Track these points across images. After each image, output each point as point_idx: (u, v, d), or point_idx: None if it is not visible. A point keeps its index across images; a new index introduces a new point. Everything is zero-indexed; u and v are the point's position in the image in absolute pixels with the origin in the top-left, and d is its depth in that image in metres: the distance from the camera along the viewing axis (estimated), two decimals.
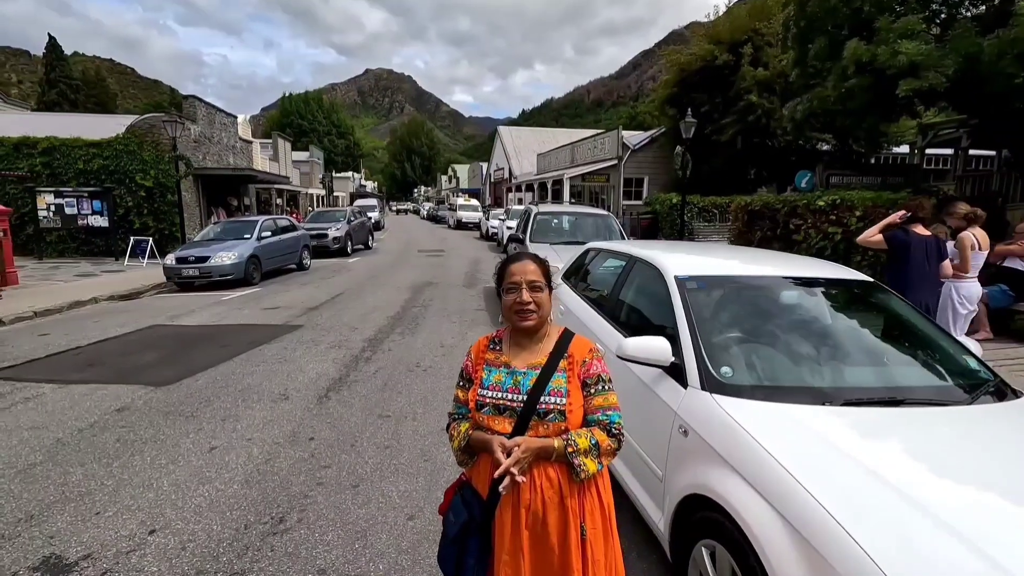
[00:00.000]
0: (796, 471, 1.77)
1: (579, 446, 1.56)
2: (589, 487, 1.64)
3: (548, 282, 1.73)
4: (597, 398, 1.65)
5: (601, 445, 1.59)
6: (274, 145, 32.90)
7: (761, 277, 3.17)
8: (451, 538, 1.68)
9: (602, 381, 1.67)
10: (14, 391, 5.28)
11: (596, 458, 1.59)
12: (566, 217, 10.57)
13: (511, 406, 1.64)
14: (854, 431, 2.08)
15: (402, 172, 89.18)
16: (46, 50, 53.58)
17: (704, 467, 2.12)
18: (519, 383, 1.66)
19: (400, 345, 6.95)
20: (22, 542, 2.90)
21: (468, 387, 1.76)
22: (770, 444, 1.91)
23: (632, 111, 63.09)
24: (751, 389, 2.32)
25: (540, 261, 1.74)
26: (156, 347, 6.95)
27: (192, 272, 11.68)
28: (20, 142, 16.44)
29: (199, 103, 20.46)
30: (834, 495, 1.67)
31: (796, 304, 3.12)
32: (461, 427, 1.73)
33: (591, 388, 1.66)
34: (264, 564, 2.71)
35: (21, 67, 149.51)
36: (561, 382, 1.64)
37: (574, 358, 1.68)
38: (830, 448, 1.92)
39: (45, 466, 3.75)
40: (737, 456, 1.98)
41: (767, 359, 2.60)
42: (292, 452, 3.96)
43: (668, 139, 21.43)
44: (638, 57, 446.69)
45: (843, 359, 2.69)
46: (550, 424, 1.60)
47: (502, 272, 1.75)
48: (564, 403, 1.61)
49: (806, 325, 2.96)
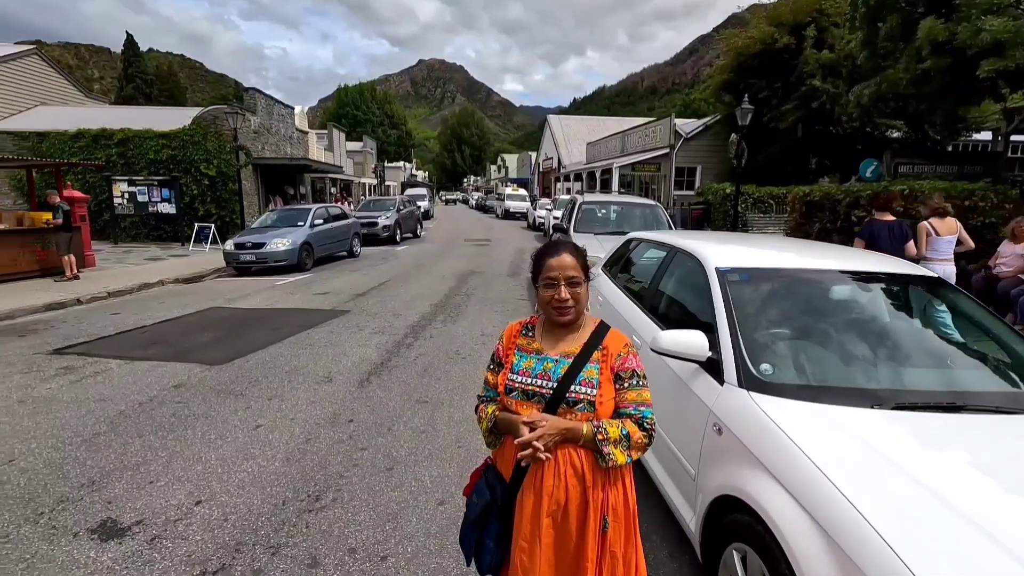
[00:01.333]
0: (836, 477, 1.66)
1: (609, 434, 1.54)
2: (615, 482, 1.62)
3: (586, 275, 1.69)
4: (631, 392, 1.61)
5: (632, 437, 1.56)
6: (329, 135, 33.85)
7: (812, 271, 2.99)
8: (472, 519, 1.71)
9: (636, 376, 1.63)
10: (85, 365, 5.67)
11: (626, 450, 1.55)
12: (612, 207, 10.37)
13: (540, 392, 1.62)
14: (906, 437, 1.93)
15: (452, 162, 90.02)
16: (124, 47, 57.02)
17: (738, 467, 2.02)
18: (549, 370, 1.64)
19: (442, 332, 7.03)
20: (84, 505, 3.12)
21: (498, 371, 1.74)
22: (808, 446, 1.80)
23: (686, 98, 61.11)
24: (792, 388, 2.18)
25: (578, 252, 1.70)
26: (213, 328, 7.31)
27: (249, 257, 12.21)
28: (99, 134, 17.59)
29: (259, 95, 21.27)
30: (878, 506, 1.54)
31: (849, 300, 2.93)
32: (489, 409, 1.73)
33: (625, 382, 1.62)
34: (299, 540, 2.80)
35: (102, 64, 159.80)
36: (593, 373, 1.61)
37: (609, 350, 1.65)
38: (876, 454, 1.78)
39: (108, 436, 4.01)
40: (772, 458, 1.87)
41: (812, 357, 2.45)
42: (331, 433, 4.07)
43: (723, 127, 20.63)
44: (695, 42, 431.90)
45: (898, 359, 2.50)
46: (578, 413, 1.58)
47: (539, 263, 1.70)
48: (595, 394, 1.58)
49: (859, 322, 2.78)
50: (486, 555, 1.68)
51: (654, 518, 2.95)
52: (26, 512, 3.05)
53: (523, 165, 62.58)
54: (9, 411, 4.46)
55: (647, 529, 2.89)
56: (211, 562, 2.63)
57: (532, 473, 1.61)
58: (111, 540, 2.80)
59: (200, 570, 2.57)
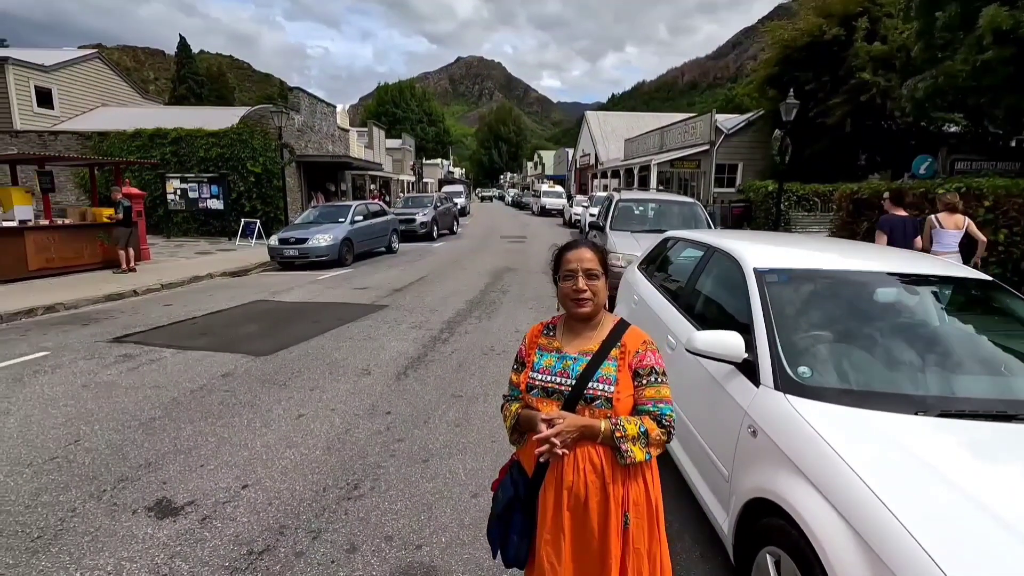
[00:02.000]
0: (874, 483, 1.63)
1: (627, 431, 1.55)
2: (636, 477, 1.62)
3: (605, 269, 1.71)
4: (649, 389, 1.62)
5: (650, 434, 1.57)
6: (369, 133, 34.53)
7: (856, 272, 2.91)
8: (497, 513, 1.75)
9: (655, 373, 1.64)
10: (142, 353, 6.00)
11: (645, 447, 1.57)
12: (649, 204, 10.24)
13: (559, 389, 1.65)
14: (951, 445, 1.88)
15: (489, 159, 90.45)
16: (177, 50, 59.53)
17: (772, 471, 2.00)
18: (569, 368, 1.67)
19: (477, 328, 7.12)
20: (141, 485, 3.32)
21: (521, 370, 1.78)
22: (846, 451, 1.77)
23: (729, 93, 59.58)
24: (830, 391, 2.14)
25: (597, 248, 1.73)
26: (258, 320, 7.60)
27: (292, 252, 12.61)
28: (154, 133, 18.46)
29: (303, 94, 21.87)
30: (918, 515, 1.51)
31: (895, 302, 2.84)
32: (512, 407, 1.76)
33: (643, 379, 1.63)
34: (338, 526, 2.92)
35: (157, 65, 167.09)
36: (611, 370, 1.63)
37: (627, 347, 1.66)
38: (918, 462, 1.73)
39: (162, 420, 4.25)
40: (808, 462, 1.85)
41: (852, 360, 2.39)
42: (370, 424, 4.20)
43: (766, 122, 20.05)
44: (739, 35, 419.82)
45: (946, 365, 2.42)
46: (596, 410, 1.60)
47: (558, 259, 1.75)
48: (612, 391, 1.60)
49: (904, 325, 2.70)
50: (510, 548, 1.73)
51: (687, 518, 2.94)
52: (91, 489, 3.27)
53: (560, 162, 62.30)
54: (75, 395, 4.77)
55: (679, 529, 2.88)
56: (256, 543, 2.77)
57: (553, 469, 1.64)
58: (166, 518, 2.98)
59: (247, 550, 2.71)
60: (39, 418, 4.29)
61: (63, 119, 21.57)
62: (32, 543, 2.76)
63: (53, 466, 3.54)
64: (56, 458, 3.65)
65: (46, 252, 10.49)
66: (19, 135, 18.99)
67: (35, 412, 4.40)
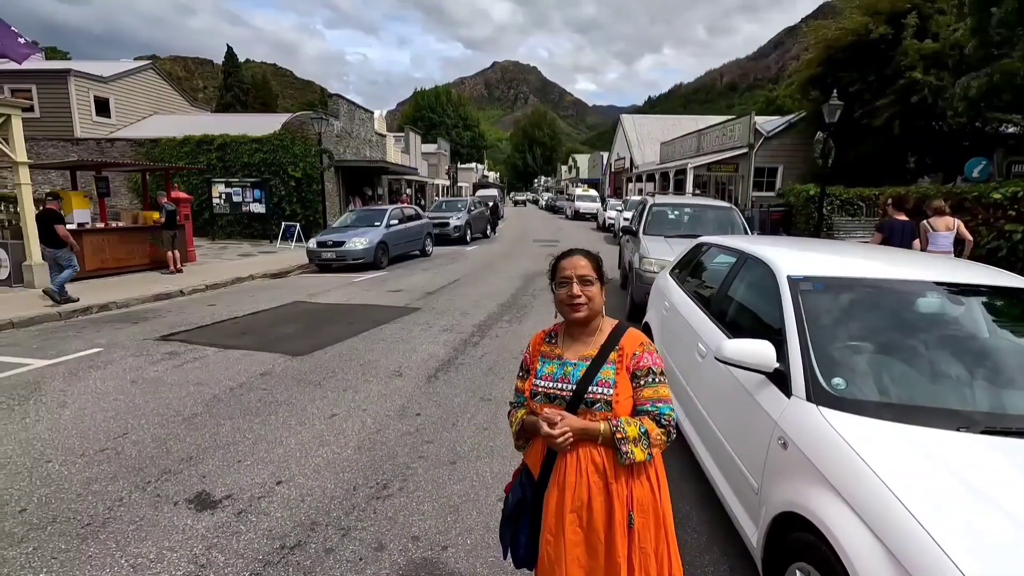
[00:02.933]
0: (911, 501, 1.57)
1: (627, 432, 1.59)
2: (639, 477, 1.65)
3: (600, 276, 1.76)
4: (647, 390, 1.67)
5: (651, 434, 1.61)
6: (405, 138, 35.10)
7: (896, 280, 2.80)
8: (507, 515, 1.81)
9: (652, 373, 1.68)
10: (186, 351, 6.26)
11: (646, 447, 1.60)
12: (684, 209, 10.07)
13: (561, 395, 1.70)
14: (995, 463, 1.79)
15: (523, 162, 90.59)
16: (224, 59, 61.83)
17: (803, 484, 1.95)
18: (569, 374, 1.72)
19: (507, 332, 7.15)
20: (183, 478, 3.47)
21: (526, 377, 1.84)
22: (881, 467, 1.71)
23: (769, 95, 57.97)
24: (865, 404, 2.08)
25: (592, 256, 1.79)
26: (296, 321, 7.82)
27: (330, 255, 12.93)
28: (201, 139, 19.24)
29: (342, 101, 22.41)
30: (957, 536, 1.46)
31: (940, 313, 2.72)
32: (518, 413, 1.82)
33: (641, 380, 1.68)
34: (367, 524, 2.98)
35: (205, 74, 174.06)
36: (609, 373, 1.67)
37: (624, 350, 1.71)
38: (958, 480, 1.67)
39: (203, 416, 4.42)
40: (841, 477, 1.80)
41: (890, 372, 2.31)
42: (400, 425, 4.27)
43: (808, 124, 19.45)
44: (780, 35, 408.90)
45: (994, 380, 2.31)
46: (596, 413, 1.65)
47: (554, 267, 1.82)
48: (611, 393, 1.65)
49: (950, 338, 2.58)
50: (520, 549, 1.79)
51: (716, 529, 2.89)
52: (136, 480, 3.43)
53: (594, 165, 61.93)
54: (124, 390, 5.01)
55: (708, 540, 2.84)
56: (289, 538, 2.86)
57: (556, 471, 1.68)
58: (205, 511, 3.10)
59: (279, 544, 2.80)
60: (91, 411, 4.52)
61: (119, 127, 22.71)
62: (82, 530, 2.92)
63: (103, 457, 3.73)
64: (106, 449, 3.84)
65: (101, 253, 11.06)
66: (79, 143, 20.08)
67: (88, 405, 4.65)
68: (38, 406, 4.64)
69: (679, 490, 3.29)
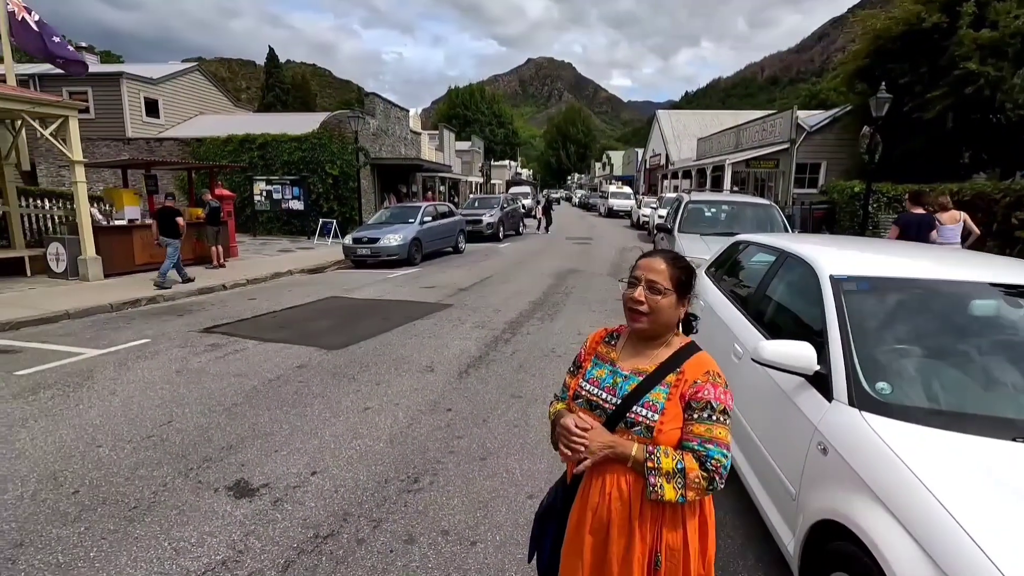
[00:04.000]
0: (961, 514, 1.49)
1: (661, 464, 1.38)
2: (673, 522, 1.45)
3: (677, 288, 1.52)
4: (699, 425, 1.42)
5: (688, 474, 1.38)
6: (440, 136, 35.37)
7: (948, 282, 2.66)
8: (537, 515, 1.76)
9: (711, 409, 1.43)
10: (228, 343, 6.47)
11: (680, 488, 1.37)
12: (721, 206, 9.85)
13: (603, 405, 1.54)
14: None
15: (557, 160, 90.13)
16: (266, 60, 63.59)
17: (844, 492, 1.88)
18: (618, 385, 1.54)
19: (539, 330, 7.13)
20: (223, 465, 3.59)
21: (575, 374, 1.70)
22: (928, 476, 1.63)
23: (812, 88, 55.99)
24: (912, 410, 1.98)
25: (677, 264, 1.55)
26: (332, 316, 7.99)
27: (365, 251, 13.16)
28: (244, 139, 19.83)
29: (378, 99, 22.75)
30: (1011, 552, 1.38)
31: (996, 316, 2.57)
32: (557, 406, 1.70)
33: (695, 412, 1.43)
34: (397, 517, 3.02)
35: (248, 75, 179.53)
36: (660, 396, 1.47)
37: (685, 375, 1.48)
38: (1015, 494, 1.57)
39: (243, 407, 4.56)
40: (885, 486, 1.72)
41: (940, 378, 2.20)
42: (431, 420, 4.32)
43: (854, 118, 18.72)
44: (825, 26, 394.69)
45: None
46: (634, 436, 1.46)
47: (635, 264, 1.63)
48: (655, 419, 1.44)
49: (1007, 343, 2.44)
50: (544, 555, 1.69)
51: (751, 535, 2.82)
52: (179, 467, 3.57)
53: (629, 162, 61.15)
54: (170, 380, 5.22)
55: (742, 545, 2.77)
56: (322, 527, 2.92)
57: (583, 484, 1.56)
58: (243, 498, 3.20)
59: (313, 533, 2.87)
60: (139, 399, 4.73)
61: (167, 127, 23.63)
62: (130, 512, 3.06)
63: (149, 444, 3.89)
64: (152, 436, 4.01)
65: (150, 248, 11.50)
66: (130, 142, 20.97)
67: (136, 394, 4.86)
68: (90, 393, 4.87)
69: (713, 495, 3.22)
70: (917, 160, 16.38)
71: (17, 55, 12.21)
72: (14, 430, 4.10)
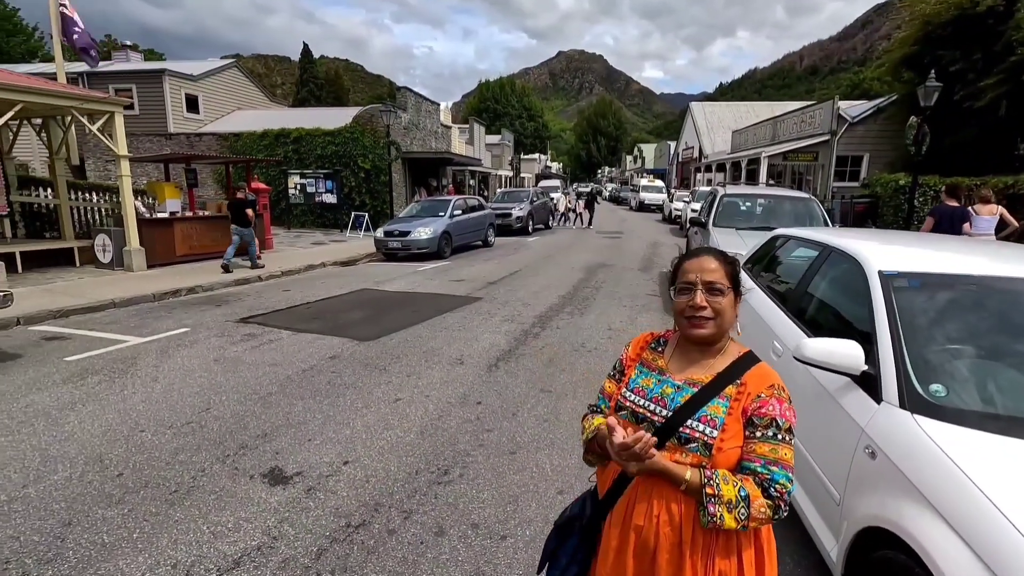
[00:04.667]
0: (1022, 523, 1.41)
1: (721, 492, 1.22)
2: (727, 546, 1.30)
3: (734, 285, 1.40)
4: (763, 444, 1.27)
5: (752, 503, 1.21)
6: (470, 130, 35.43)
7: (1008, 279, 2.51)
8: (556, 525, 1.59)
9: (776, 427, 1.28)
10: (263, 333, 6.62)
11: (743, 518, 1.21)
12: (757, 200, 9.58)
13: (651, 418, 1.38)
14: None
15: (587, 153, 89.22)
16: (301, 56, 64.66)
17: (894, 498, 1.79)
18: (668, 395, 1.39)
19: (568, 324, 7.08)
20: (258, 453, 3.66)
21: (618, 380, 1.55)
22: (987, 484, 1.54)
23: (855, 78, 54.01)
24: (970, 414, 1.88)
25: (726, 259, 1.43)
26: (364, 307, 8.10)
27: (396, 244, 13.30)
28: (279, 133, 20.22)
29: (409, 93, 22.89)
30: None
31: None
32: (594, 420, 1.51)
33: (758, 430, 1.28)
34: (428, 508, 3.03)
35: (283, 71, 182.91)
36: (719, 410, 1.31)
37: (747, 387, 1.33)
38: None
39: (277, 396, 4.66)
40: (940, 493, 1.63)
41: (999, 380, 2.07)
42: (461, 412, 4.32)
43: (899, 108, 17.96)
44: (869, 13, 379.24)
45: None
46: (688, 454, 1.30)
47: (676, 269, 1.47)
48: (715, 435, 1.29)
49: None
50: (554, 570, 1.51)
51: (788, 538, 2.73)
52: (217, 453, 3.66)
53: (660, 155, 60.14)
54: (208, 368, 5.36)
55: (780, 550, 2.66)
56: (354, 517, 2.95)
57: (624, 502, 1.39)
58: (277, 485, 3.26)
59: (345, 523, 2.90)
60: (179, 386, 4.87)
61: (206, 122, 24.28)
62: (170, 496, 3.15)
63: (188, 430, 4.01)
64: (191, 423, 4.12)
65: (190, 240, 11.89)
66: (171, 137, 21.64)
67: (176, 381, 5.01)
68: (134, 380, 5.05)
69: None
70: (967, 151, 15.63)
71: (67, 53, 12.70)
72: (64, 413, 4.28)
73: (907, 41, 16.83)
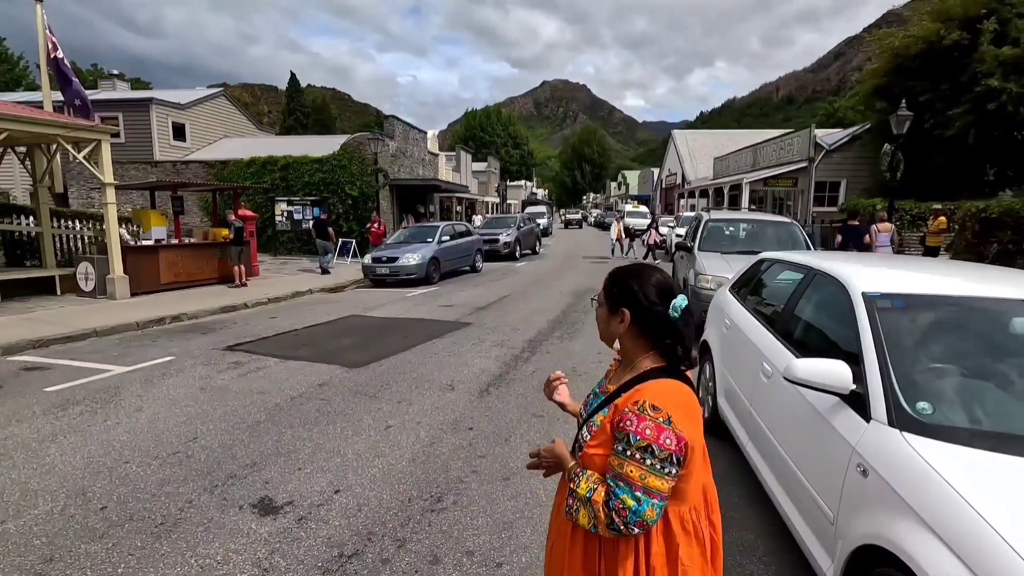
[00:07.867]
0: (1016, 540, 1.44)
1: (578, 486, 1.33)
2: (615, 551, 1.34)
3: (608, 298, 1.49)
4: (615, 458, 1.30)
5: (594, 504, 1.28)
6: (457, 157, 35.83)
7: (986, 299, 2.60)
8: None
9: (628, 443, 1.27)
10: (250, 361, 6.54)
11: (591, 518, 1.29)
12: (741, 225, 9.79)
13: (580, 421, 1.59)
14: None
15: (572, 180, 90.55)
16: (287, 85, 65.30)
17: (887, 516, 1.82)
18: (589, 403, 1.56)
19: (558, 348, 7.09)
20: (247, 483, 3.59)
21: None
22: (978, 500, 1.58)
23: (829, 107, 55.81)
24: (957, 431, 1.92)
25: (610, 275, 1.55)
26: (352, 334, 8.04)
27: (384, 271, 13.29)
28: (266, 161, 20.27)
29: (397, 122, 23.15)
30: None
31: None
32: None
33: (617, 443, 1.31)
34: (422, 536, 2.99)
35: (270, 99, 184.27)
36: (603, 419, 1.40)
37: (621, 401, 1.37)
38: None
39: (266, 424, 4.58)
40: (933, 510, 1.66)
41: (982, 398, 2.13)
42: (453, 439, 4.29)
43: (873, 136, 18.61)
44: (841, 45, 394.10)
45: None
46: (577, 454, 1.47)
47: None
48: (587, 440, 1.42)
49: None
50: None
51: (785, 562, 2.73)
52: (204, 483, 3.58)
53: (644, 181, 61.23)
54: (194, 397, 5.27)
55: (776, 572, 2.68)
56: (347, 546, 2.90)
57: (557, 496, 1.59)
58: (267, 516, 3.19)
59: (337, 552, 2.85)
60: (164, 416, 4.78)
61: (193, 150, 24.30)
62: (156, 528, 3.07)
63: (174, 460, 3.92)
64: (177, 453, 4.04)
65: (175, 268, 11.77)
66: (157, 165, 21.58)
67: (162, 410, 4.92)
68: (118, 410, 4.94)
69: (744, 517, 3.14)
70: (940, 178, 16.20)
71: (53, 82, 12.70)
72: (44, 445, 4.17)
73: (878, 72, 17.56)
